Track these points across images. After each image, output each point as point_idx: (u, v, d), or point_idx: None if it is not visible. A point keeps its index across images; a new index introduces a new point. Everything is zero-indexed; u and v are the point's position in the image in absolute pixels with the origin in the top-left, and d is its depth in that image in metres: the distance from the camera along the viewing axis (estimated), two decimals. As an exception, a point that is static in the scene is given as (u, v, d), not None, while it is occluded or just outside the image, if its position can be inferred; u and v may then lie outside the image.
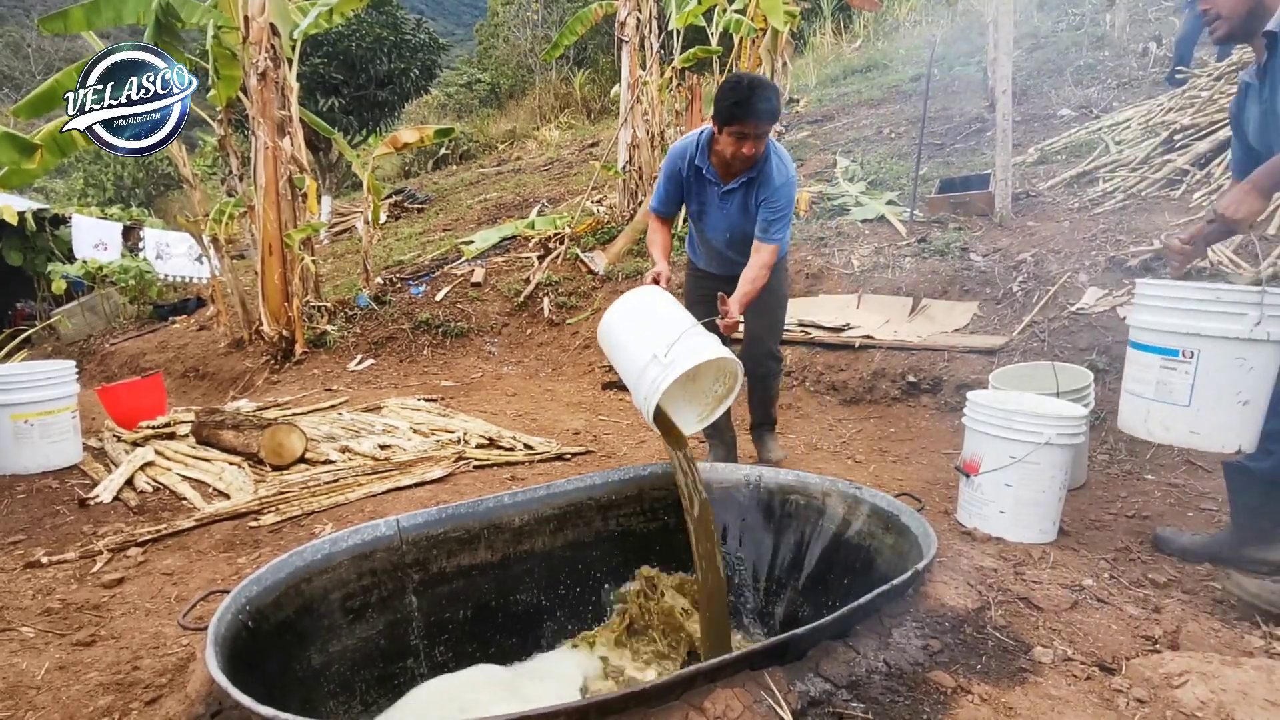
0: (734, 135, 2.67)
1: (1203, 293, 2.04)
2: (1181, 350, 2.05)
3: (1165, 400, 2.09)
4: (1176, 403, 2.07)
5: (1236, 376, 2.00)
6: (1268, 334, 1.95)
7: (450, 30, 39.29)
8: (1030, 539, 2.47)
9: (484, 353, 6.45)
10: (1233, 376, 2.00)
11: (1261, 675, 1.59)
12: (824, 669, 1.57)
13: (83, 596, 2.36)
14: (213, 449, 3.70)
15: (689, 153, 2.91)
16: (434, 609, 2.16)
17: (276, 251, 6.10)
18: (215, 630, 1.52)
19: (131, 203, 16.80)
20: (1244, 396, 2.01)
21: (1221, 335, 1.98)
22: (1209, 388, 2.02)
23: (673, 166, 2.96)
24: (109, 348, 8.47)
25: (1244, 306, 1.96)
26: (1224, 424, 2.04)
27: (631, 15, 7.51)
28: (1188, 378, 2.04)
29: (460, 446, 3.67)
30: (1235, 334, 1.97)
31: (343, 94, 13.96)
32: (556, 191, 10.75)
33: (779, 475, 2.55)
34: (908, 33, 14.23)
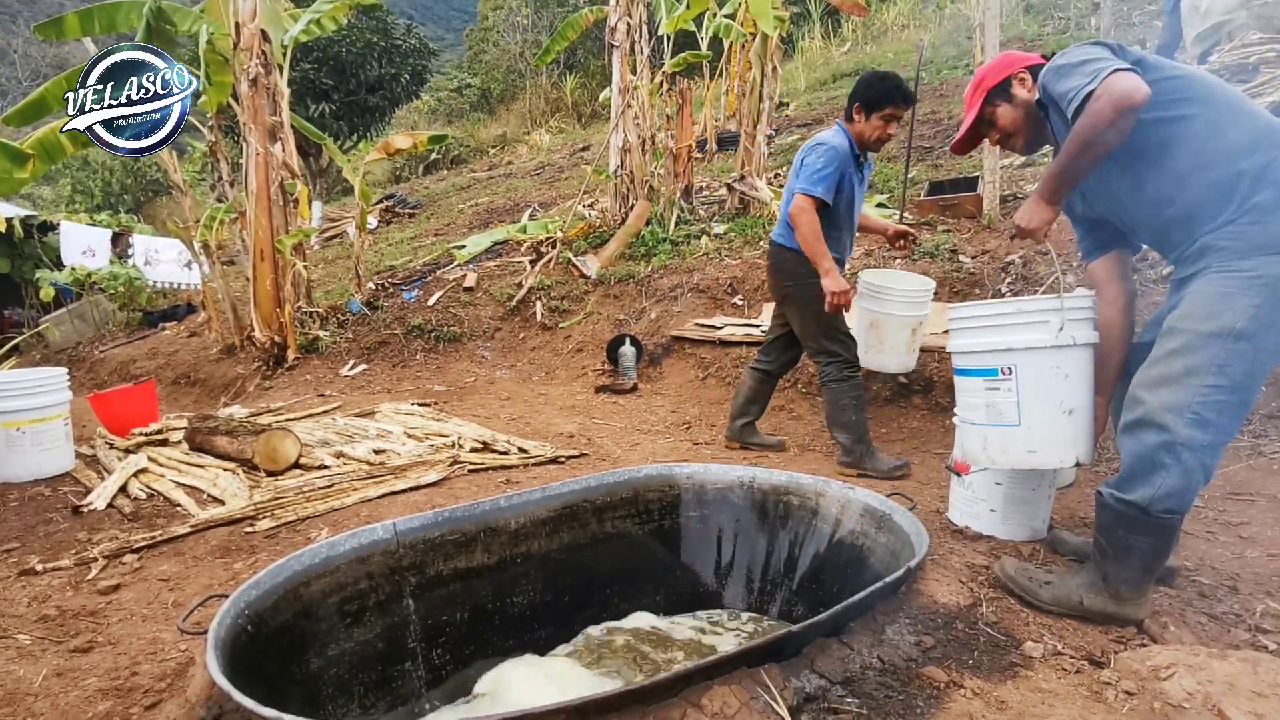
0: (885, 118, 3.12)
1: (1006, 307, 2.08)
2: (1000, 368, 2.07)
3: (998, 423, 2.12)
4: (1008, 423, 2.09)
5: (1055, 385, 2.03)
6: (1073, 338, 1.99)
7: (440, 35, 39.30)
8: (1021, 536, 2.49)
9: (477, 357, 6.45)
10: (1052, 386, 2.03)
11: (1247, 667, 1.62)
12: (819, 665, 1.59)
13: (79, 603, 2.35)
14: (206, 455, 3.69)
15: (847, 144, 3.20)
16: (431, 612, 2.18)
17: (268, 257, 6.09)
18: (215, 634, 1.53)
19: (120, 209, 16.73)
20: (1067, 405, 2.04)
21: (1031, 346, 2.02)
22: (1034, 402, 2.05)
23: (840, 159, 3.17)
24: (98, 355, 8.43)
25: (1046, 314, 2.00)
26: (1056, 437, 2.07)
27: (622, 20, 7.55)
28: (1012, 395, 2.06)
29: (455, 450, 3.68)
30: (1044, 343, 2.00)
31: (333, 99, 13.96)
32: (548, 196, 10.77)
33: (773, 476, 2.57)
34: (895, 36, 14.35)
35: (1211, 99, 1.81)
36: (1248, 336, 1.73)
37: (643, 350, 5.76)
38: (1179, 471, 1.79)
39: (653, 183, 7.71)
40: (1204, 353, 1.77)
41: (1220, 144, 1.79)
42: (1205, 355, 1.77)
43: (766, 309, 5.62)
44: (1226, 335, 1.75)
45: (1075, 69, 1.82)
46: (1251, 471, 3.06)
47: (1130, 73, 1.75)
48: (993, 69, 2.17)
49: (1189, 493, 1.80)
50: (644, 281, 6.54)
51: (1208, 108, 1.80)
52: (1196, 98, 1.81)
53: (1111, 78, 1.74)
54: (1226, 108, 1.81)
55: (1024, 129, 2.15)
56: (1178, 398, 1.79)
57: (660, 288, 6.36)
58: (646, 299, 6.37)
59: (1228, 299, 1.76)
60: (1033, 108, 2.09)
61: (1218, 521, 2.68)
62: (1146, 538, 1.84)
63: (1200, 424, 1.76)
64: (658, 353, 5.78)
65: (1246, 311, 1.73)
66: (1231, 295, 1.76)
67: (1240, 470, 3.09)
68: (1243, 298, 1.74)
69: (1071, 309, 2.02)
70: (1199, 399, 1.77)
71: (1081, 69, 1.81)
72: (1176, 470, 1.79)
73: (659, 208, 7.58)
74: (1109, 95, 1.73)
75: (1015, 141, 2.19)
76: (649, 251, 6.98)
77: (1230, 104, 1.81)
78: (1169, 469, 1.79)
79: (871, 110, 3.13)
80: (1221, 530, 2.59)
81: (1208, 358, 1.77)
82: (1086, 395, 2.08)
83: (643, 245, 7.10)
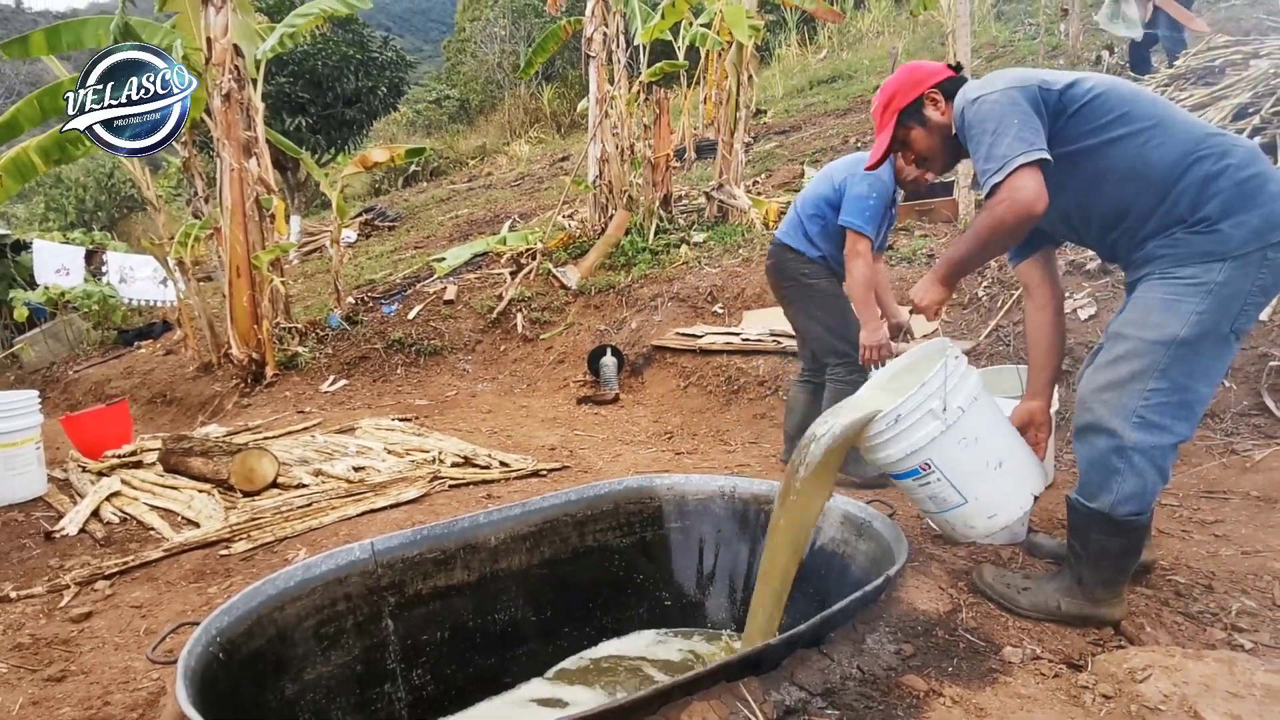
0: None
1: (888, 420, 1.97)
2: (919, 466, 2.00)
3: (950, 508, 2.05)
4: (956, 505, 2.03)
5: (972, 453, 1.97)
6: (960, 409, 1.93)
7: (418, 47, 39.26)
8: (1005, 540, 2.51)
9: (458, 370, 6.42)
10: (970, 456, 1.97)
11: (1223, 667, 1.64)
12: (799, 678, 1.59)
13: (52, 631, 2.32)
14: (181, 477, 3.64)
15: (892, 178, 2.94)
16: (411, 632, 2.15)
17: (245, 273, 6.03)
18: (185, 663, 1.50)
19: (94, 226, 16.52)
20: (994, 461, 1.99)
21: (931, 438, 1.94)
22: (965, 477, 1.98)
23: (886, 196, 2.97)
24: (73, 375, 8.30)
25: (926, 406, 1.92)
26: (1004, 491, 2.02)
27: (598, 31, 7.57)
28: (943, 483, 2.00)
29: (435, 466, 3.65)
30: (938, 430, 1.93)
31: (310, 113, 13.88)
32: (528, 206, 10.76)
33: (753, 485, 2.57)
34: (870, 43, 14.51)
35: (1138, 114, 1.81)
36: (1190, 342, 1.76)
37: (624, 360, 5.75)
38: (1132, 475, 1.81)
39: (631, 192, 7.72)
40: (1148, 358, 1.80)
41: (1157, 160, 1.80)
42: (1149, 360, 1.80)
43: (747, 316, 5.63)
44: (1170, 342, 1.78)
45: (988, 137, 1.77)
46: (1225, 470, 3.10)
47: (1035, 170, 1.72)
48: (902, 86, 2.06)
49: (1147, 494, 1.82)
50: (624, 291, 6.54)
51: (1135, 124, 1.81)
52: (1123, 116, 1.82)
53: (1016, 178, 1.71)
54: (1154, 122, 1.81)
55: (940, 154, 2.10)
56: (1123, 402, 1.81)
57: (641, 297, 6.37)
58: (627, 309, 6.37)
59: (1171, 306, 1.79)
60: (948, 131, 2.02)
61: (1192, 520, 2.70)
62: (1117, 539, 1.86)
63: (1146, 427, 1.79)
64: (639, 363, 5.77)
65: (1189, 318, 1.76)
66: (1175, 302, 1.79)
67: (1214, 469, 3.13)
68: (1186, 304, 1.77)
69: (947, 381, 1.93)
70: (1143, 402, 1.79)
71: (994, 145, 1.76)
72: (1130, 474, 1.81)
73: (638, 217, 7.59)
74: (1011, 203, 1.72)
75: (932, 165, 2.15)
76: (629, 261, 6.98)
77: (1157, 116, 1.82)
78: (1122, 473, 1.82)
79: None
80: (1196, 529, 2.62)
81: (1151, 363, 1.79)
82: (1005, 439, 2.04)
83: (622, 255, 7.11)
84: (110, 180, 19.02)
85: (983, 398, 2.01)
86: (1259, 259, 1.73)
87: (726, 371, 5.10)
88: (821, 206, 3.15)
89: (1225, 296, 1.74)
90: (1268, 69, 4.75)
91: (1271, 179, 1.75)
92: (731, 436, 4.42)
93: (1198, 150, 1.78)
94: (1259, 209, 1.72)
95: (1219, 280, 1.75)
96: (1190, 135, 1.80)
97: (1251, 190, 1.73)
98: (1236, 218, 1.74)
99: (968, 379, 2.00)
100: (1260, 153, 1.81)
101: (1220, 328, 1.76)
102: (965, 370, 2.02)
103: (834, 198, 3.08)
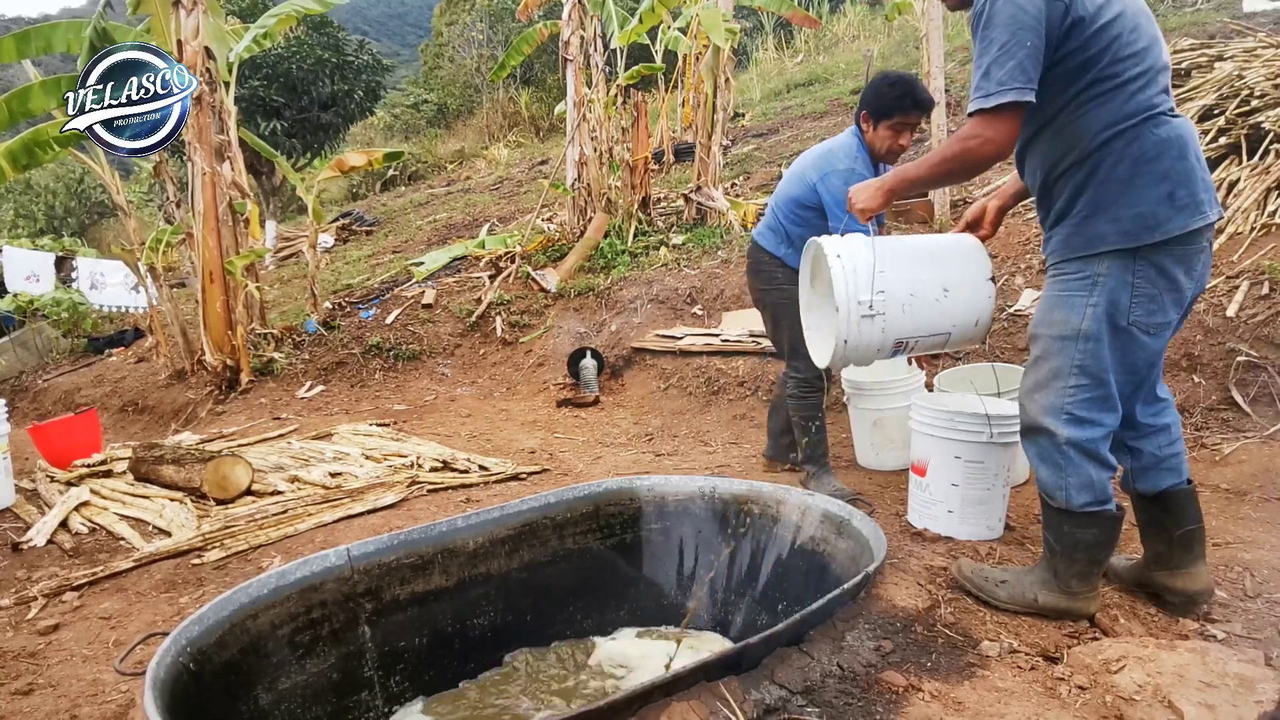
0: (895, 128, 2.76)
1: (840, 350, 2.14)
2: (894, 346, 2.19)
3: (949, 343, 2.24)
4: (946, 337, 2.21)
5: (920, 306, 2.12)
6: (880, 292, 2.07)
7: (395, 51, 38.99)
8: (979, 535, 2.53)
9: (437, 374, 6.37)
10: (920, 308, 2.12)
11: (1196, 657, 1.66)
12: (779, 676, 1.59)
13: (19, 644, 2.26)
14: (152, 485, 3.57)
15: (865, 161, 2.84)
16: (388, 638, 2.12)
17: (218, 279, 5.94)
18: (154, 674, 1.47)
19: (64, 233, 16.22)
20: (939, 292, 2.13)
21: (880, 330, 2.11)
22: (932, 322, 2.15)
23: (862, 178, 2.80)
24: (42, 384, 8.13)
25: (853, 319, 2.07)
26: (966, 300, 2.16)
27: (575, 34, 7.56)
28: (921, 339, 2.19)
29: (414, 471, 3.61)
30: (879, 324, 2.10)
31: (285, 117, 13.73)
32: (506, 210, 10.72)
33: (733, 485, 2.57)
34: (846, 47, 14.64)
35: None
36: (1092, 335, 1.79)
37: (604, 363, 5.74)
38: (1075, 469, 1.85)
39: (610, 195, 7.71)
40: (1061, 356, 1.84)
41: (1076, 133, 1.79)
42: (1063, 359, 1.83)
43: (727, 318, 5.65)
44: (1075, 337, 1.81)
45: (995, 50, 1.69)
46: (1195, 463, 3.14)
47: (1017, 115, 1.70)
48: None
49: (1098, 484, 1.85)
50: (604, 294, 6.53)
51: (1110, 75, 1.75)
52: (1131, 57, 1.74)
53: (998, 119, 1.70)
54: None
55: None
56: (1050, 401, 1.86)
57: (620, 299, 6.36)
58: (606, 311, 6.35)
59: (1066, 302, 1.83)
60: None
61: (1165, 513, 2.74)
62: (1087, 530, 1.88)
63: (1075, 422, 1.83)
64: (619, 365, 5.76)
65: (1086, 312, 1.79)
66: (1068, 298, 1.82)
67: (1185, 462, 3.17)
68: (1078, 299, 1.80)
69: (848, 281, 2.07)
70: (1069, 400, 1.83)
71: (996, 65, 1.68)
72: (1073, 468, 1.85)
73: (617, 220, 7.59)
74: (983, 142, 1.72)
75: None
76: (608, 264, 6.97)
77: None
78: (1065, 468, 1.86)
79: (879, 119, 2.79)
80: (1169, 522, 2.65)
81: (1065, 361, 1.83)
82: (930, 269, 2.15)
83: (602, 257, 7.10)
84: (80, 186, 18.70)
85: (882, 255, 2.08)
86: (1131, 256, 1.74)
87: (706, 373, 5.11)
88: (797, 208, 3.04)
89: (1111, 288, 1.76)
90: (1231, 71, 4.84)
91: (1164, 177, 1.72)
92: (712, 437, 4.42)
93: (1116, 126, 1.74)
94: (1134, 207, 1.73)
95: (1101, 272, 1.77)
96: (1105, 119, 1.75)
97: (1138, 185, 1.72)
98: (1110, 214, 1.75)
99: (859, 259, 2.07)
100: (1170, 144, 1.74)
101: (1116, 320, 1.78)
102: (855, 252, 2.09)
103: (809, 197, 2.97)
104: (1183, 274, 1.77)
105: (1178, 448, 1.99)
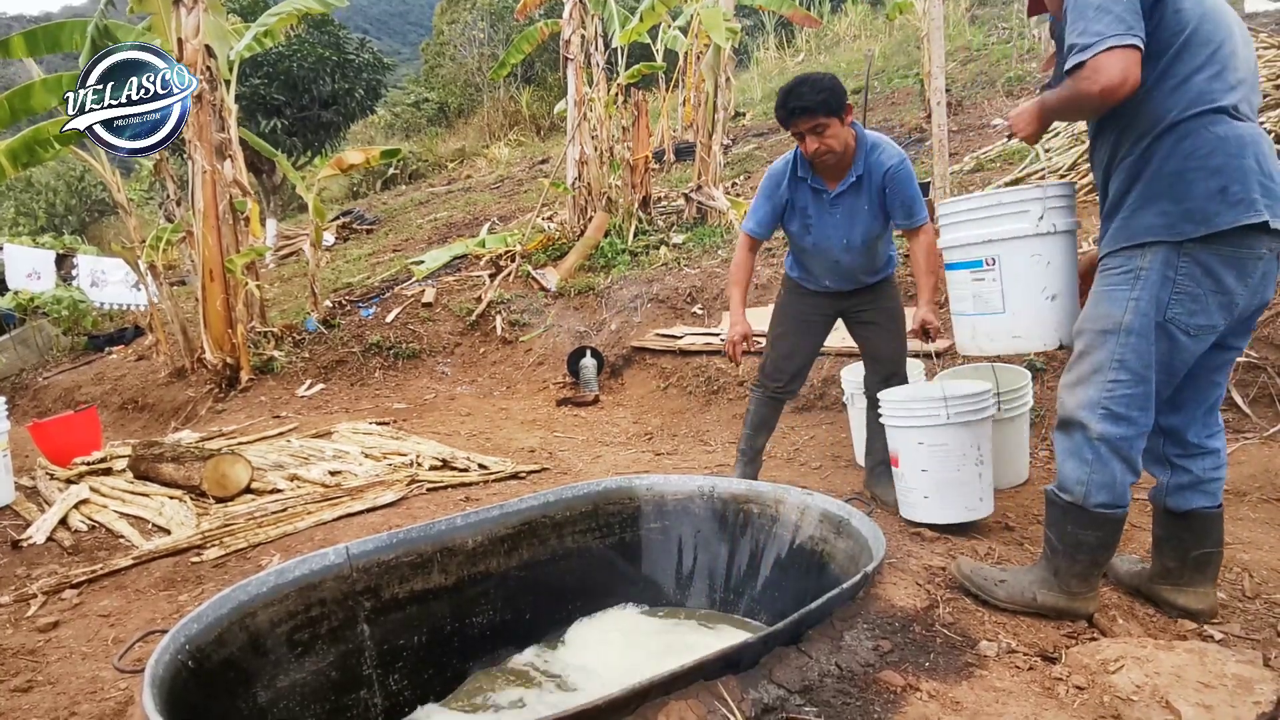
0: (797, 138, 2.70)
1: (988, 199, 2.13)
2: (984, 259, 2.14)
3: (984, 312, 2.18)
4: (994, 312, 2.16)
5: (1038, 273, 2.09)
6: (1053, 226, 2.05)
7: (396, 49, 38.98)
8: (959, 518, 2.53)
9: (437, 373, 6.37)
10: (1034, 273, 2.09)
11: (1194, 658, 1.66)
12: (777, 675, 1.59)
13: (18, 641, 2.27)
14: (152, 483, 3.57)
15: (788, 168, 2.85)
16: (387, 637, 2.12)
17: (218, 277, 5.94)
18: (153, 672, 1.47)
19: (64, 230, 16.22)
20: (1050, 291, 2.10)
21: (1014, 236, 2.08)
22: (1017, 289, 2.12)
23: (772, 185, 2.88)
24: (42, 382, 8.14)
25: (1026, 204, 2.06)
26: (1039, 321, 2.13)
27: (576, 33, 7.56)
28: (996, 284, 2.13)
29: (413, 469, 3.62)
30: (1025, 232, 2.06)
31: (285, 115, 13.72)
32: (507, 209, 10.72)
33: (732, 485, 2.57)
34: (848, 47, 14.63)
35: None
36: (1135, 330, 1.78)
37: (604, 362, 5.74)
38: (1101, 467, 1.83)
39: (610, 194, 7.72)
40: (1103, 351, 1.83)
41: (1135, 124, 1.79)
42: (1104, 353, 1.82)
43: (725, 318, 5.65)
44: (1117, 331, 1.80)
45: (1091, 11, 1.67)
46: (1195, 464, 3.14)
47: (1127, 52, 1.64)
48: None
49: (1118, 486, 1.85)
50: (604, 293, 6.53)
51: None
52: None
53: (1101, 59, 1.64)
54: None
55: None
56: (1089, 395, 1.84)
57: (620, 299, 6.36)
58: (607, 310, 6.36)
59: (1110, 296, 1.82)
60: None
61: (1164, 514, 2.74)
62: (1092, 532, 1.88)
63: (1112, 419, 1.82)
64: (619, 364, 5.76)
65: (1128, 306, 1.79)
66: (1111, 292, 1.82)
67: (1185, 463, 3.17)
68: (1120, 293, 1.80)
69: (1052, 197, 2.05)
70: (1105, 394, 1.82)
71: (1093, 21, 1.66)
72: (1099, 466, 1.84)
73: (617, 219, 7.59)
74: (1092, 80, 1.66)
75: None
76: (608, 263, 6.98)
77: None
78: (1093, 465, 1.84)
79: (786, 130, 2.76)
80: (1168, 522, 2.65)
81: (1106, 355, 1.82)
82: (1068, 281, 2.11)
83: (602, 257, 7.10)
84: (81, 184, 18.69)
85: (1071, 236, 2.11)
86: (1175, 250, 1.74)
87: (706, 372, 5.11)
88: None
89: (1154, 282, 1.76)
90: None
91: (1216, 172, 1.70)
92: (711, 437, 4.42)
93: (1155, 128, 1.74)
94: (1183, 203, 1.71)
95: (1144, 266, 1.77)
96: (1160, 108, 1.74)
97: (1189, 179, 1.71)
98: (1159, 206, 1.74)
99: (1066, 210, 2.08)
100: (1228, 141, 1.72)
101: (1156, 316, 1.77)
102: (1068, 200, 2.10)
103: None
104: (1233, 278, 1.73)
105: (1221, 473, 1.99)
